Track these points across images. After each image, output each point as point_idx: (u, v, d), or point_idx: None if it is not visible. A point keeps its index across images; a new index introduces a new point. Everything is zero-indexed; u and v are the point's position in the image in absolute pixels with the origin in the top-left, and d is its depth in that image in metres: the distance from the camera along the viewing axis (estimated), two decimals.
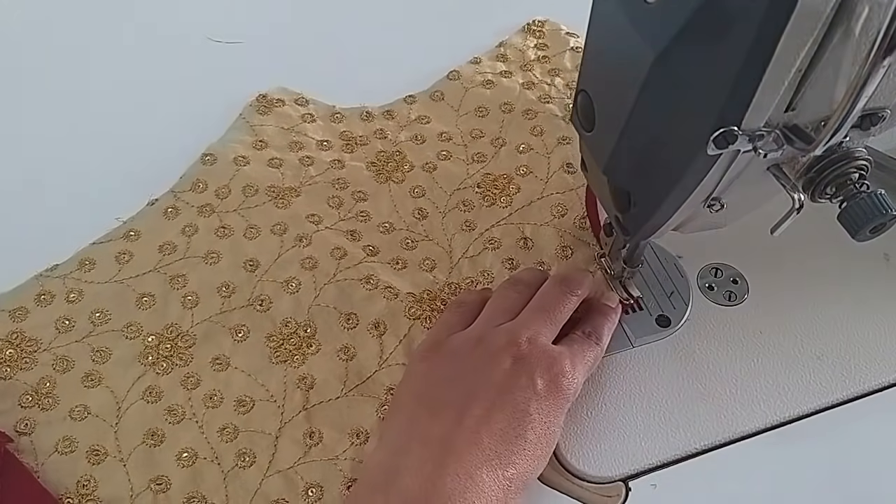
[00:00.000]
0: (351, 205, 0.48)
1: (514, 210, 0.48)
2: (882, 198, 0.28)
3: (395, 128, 0.53)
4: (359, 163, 0.51)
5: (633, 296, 0.43)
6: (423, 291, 0.43)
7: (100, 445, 0.38)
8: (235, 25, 0.63)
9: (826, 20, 0.23)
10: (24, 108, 0.57)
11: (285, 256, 0.45)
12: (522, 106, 0.53)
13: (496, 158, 0.50)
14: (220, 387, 0.40)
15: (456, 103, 0.54)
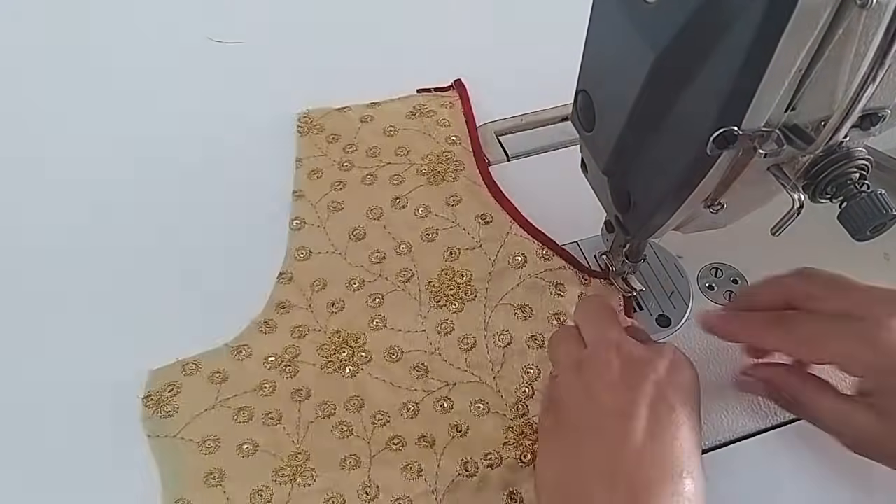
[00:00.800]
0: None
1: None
2: (882, 198, 0.28)
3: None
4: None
5: (635, 289, 0.43)
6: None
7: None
8: (235, 25, 0.63)
9: (826, 20, 0.23)
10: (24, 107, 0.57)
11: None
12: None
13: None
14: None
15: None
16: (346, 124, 0.54)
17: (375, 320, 0.43)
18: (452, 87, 0.58)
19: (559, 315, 0.43)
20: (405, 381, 0.41)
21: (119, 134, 0.55)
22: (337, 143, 0.53)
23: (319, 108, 0.55)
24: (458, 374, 0.41)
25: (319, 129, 0.54)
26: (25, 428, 0.40)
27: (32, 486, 0.38)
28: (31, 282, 0.46)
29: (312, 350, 0.42)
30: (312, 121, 0.54)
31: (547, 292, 0.44)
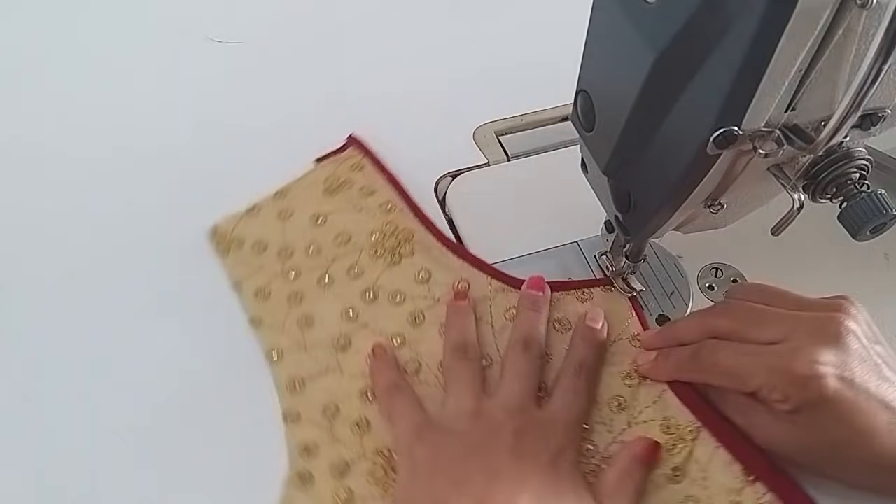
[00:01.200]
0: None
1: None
2: (882, 198, 0.28)
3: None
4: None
5: (635, 290, 0.43)
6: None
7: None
8: (235, 26, 0.63)
9: (826, 20, 0.23)
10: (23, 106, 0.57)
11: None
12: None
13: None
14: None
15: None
16: (265, 228, 0.48)
17: None
18: (348, 145, 0.53)
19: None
20: None
21: (118, 134, 0.55)
22: (266, 252, 0.47)
23: (226, 219, 0.49)
24: None
25: (238, 242, 0.47)
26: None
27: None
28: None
29: (363, 483, 0.37)
30: (226, 236, 0.48)
31: (553, 332, 0.42)
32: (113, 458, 0.39)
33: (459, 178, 0.52)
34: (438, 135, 0.55)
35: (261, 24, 0.65)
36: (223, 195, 0.50)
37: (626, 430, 0.38)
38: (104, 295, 0.45)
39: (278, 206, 0.49)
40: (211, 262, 0.47)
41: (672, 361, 0.38)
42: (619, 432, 0.38)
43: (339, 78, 0.59)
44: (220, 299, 0.45)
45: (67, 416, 0.40)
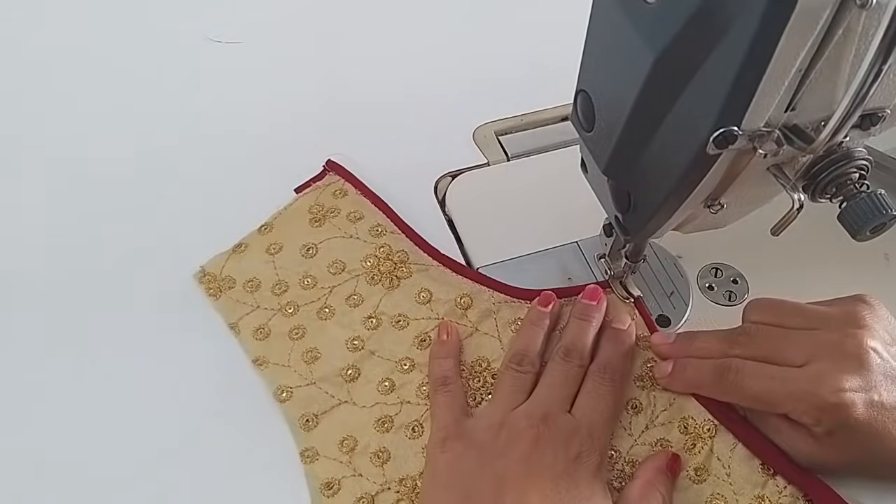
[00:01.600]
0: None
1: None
2: (882, 198, 0.28)
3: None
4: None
5: (633, 295, 0.43)
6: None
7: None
8: (235, 26, 0.63)
9: (826, 20, 0.23)
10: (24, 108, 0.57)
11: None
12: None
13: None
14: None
15: None
16: (255, 265, 0.47)
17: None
18: (326, 171, 0.52)
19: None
20: None
21: (117, 134, 0.55)
22: (260, 289, 0.46)
23: (213, 260, 0.47)
24: None
25: (230, 282, 0.46)
26: None
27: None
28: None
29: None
30: (216, 277, 0.46)
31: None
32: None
33: (459, 178, 0.52)
34: (438, 135, 0.55)
35: (261, 24, 0.65)
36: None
37: (645, 432, 0.38)
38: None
39: (266, 241, 0.48)
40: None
41: (692, 376, 0.38)
42: (638, 434, 0.38)
43: (339, 78, 0.59)
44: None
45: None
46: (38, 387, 0.42)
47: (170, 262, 0.46)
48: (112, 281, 0.46)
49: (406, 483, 0.37)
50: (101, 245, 0.48)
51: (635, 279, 0.44)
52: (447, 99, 0.58)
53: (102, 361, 0.42)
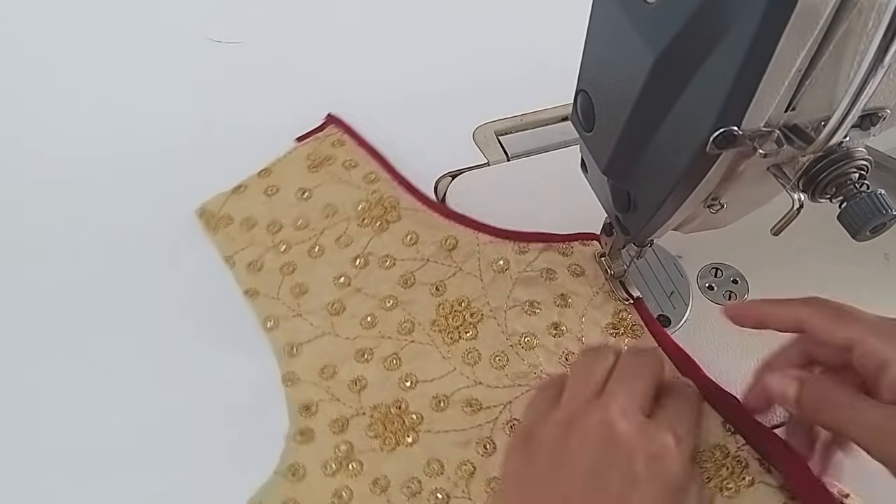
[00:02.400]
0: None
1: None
2: (882, 198, 0.28)
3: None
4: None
5: (632, 296, 0.43)
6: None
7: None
8: (235, 26, 0.63)
9: (826, 20, 0.23)
10: (24, 107, 0.57)
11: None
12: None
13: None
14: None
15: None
16: (252, 205, 0.50)
17: (405, 380, 0.41)
18: (327, 123, 0.55)
19: (563, 296, 0.43)
20: (466, 421, 0.39)
21: (117, 134, 0.55)
22: (256, 227, 0.49)
23: (213, 199, 0.51)
24: (508, 391, 0.40)
25: (227, 220, 0.49)
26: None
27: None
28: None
29: (362, 436, 0.39)
30: (215, 215, 0.50)
31: (539, 282, 0.44)
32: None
33: (459, 178, 0.52)
34: (438, 135, 0.55)
35: (261, 24, 0.65)
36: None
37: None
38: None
39: (264, 184, 0.51)
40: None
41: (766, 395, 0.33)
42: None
43: (340, 78, 0.59)
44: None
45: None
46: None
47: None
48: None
49: (379, 409, 0.40)
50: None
51: (635, 279, 0.44)
52: (447, 99, 0.58)
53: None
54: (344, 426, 0.40)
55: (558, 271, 0.44)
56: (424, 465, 0.38)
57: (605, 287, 0.44)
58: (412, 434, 0.39)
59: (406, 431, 0.39)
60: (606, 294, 0.43)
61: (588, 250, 0.45)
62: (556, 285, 0.44)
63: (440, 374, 0.41)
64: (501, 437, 0.39)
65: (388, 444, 0.39)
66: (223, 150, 0.54)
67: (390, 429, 0.39)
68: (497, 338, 0.42)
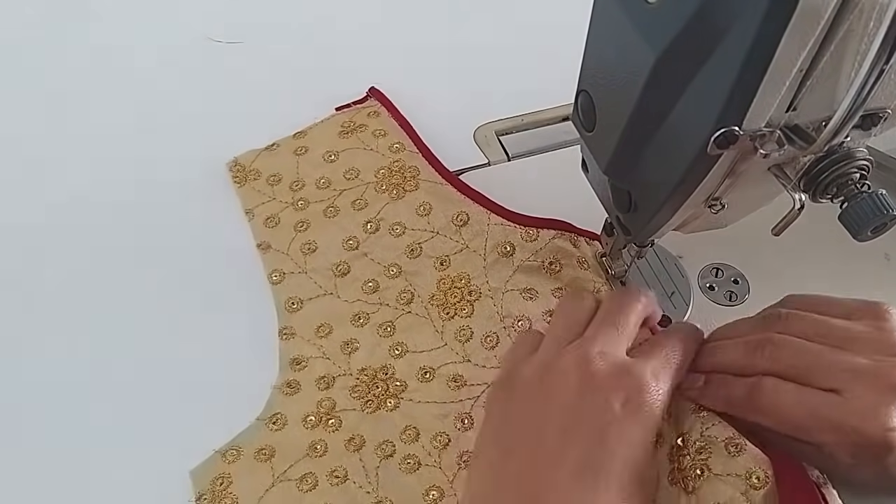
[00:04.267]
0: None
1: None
2: (883, 198, 0.28)
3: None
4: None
5: None
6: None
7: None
8: (236, 26, 0.64)
9: (827, 20, 0.23)
10: (22, 107, 0.57)
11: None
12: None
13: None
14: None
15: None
16: (281, 162, 0.52)
17: (395, 348, 0.42)
18: (369, 96, 0.57)
19: (561, 290, 0.43)
20: (448, 395, 0.40)
21: (117, 134, 0.55)
22: (280, 183, 0.51)
23: (246, 153, 0.53)
24: (494, 372, 0.41)
25: (256, 174, 0.51)
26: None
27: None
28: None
29: (346, 395, 0.41)
30: (245, 168, 0.52)
31: (542, 273, 0.44)
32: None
33: (460, 178, 0.52)
34: (439, 134, 0.55)
35: (261, 24, 0.65)
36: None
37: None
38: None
39: (295, 144, 0.53)
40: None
41: (723, 394, 0.34)
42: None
43: (340, 78, 0.59)
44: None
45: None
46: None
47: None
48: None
49: (366, 372, 0.41)
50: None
51: (636, 280, 0.44)
52: (448, 99, 0.58)
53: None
54: (330, 383, 0.41)
55: (564, 262, 0.44)
56: (401, 431, 0.39)
57: (606, 287, 0.44)
58: (394, 400, 0.40)
59: (388, 397, 0.40)
60: (608, 290, 0.43)
61: (589, 249, 0.45)
62: (556, 278, 0.44)
63: (430, 348, 0.42)
64: (480, 414, 0.39)
65: (370, 407, 0.40)
66: (222, 148, 0.54)
67: (373, 392, 0.41)
68: (492, 318, 0.43)
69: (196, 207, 0.50)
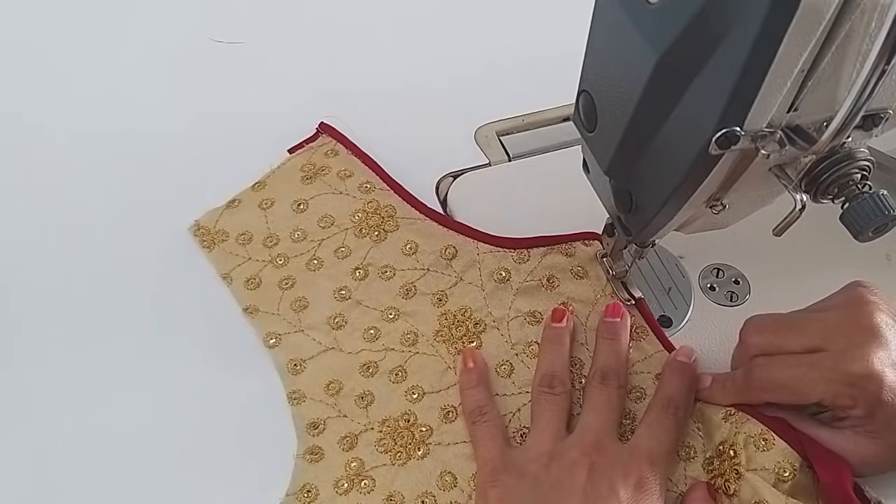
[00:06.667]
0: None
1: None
2: (884, 198, 0.28)
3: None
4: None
5: (634, 297, 0.43)
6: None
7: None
8: (236, 26, 0.64)
9: (829, 20, 0.23)
10: (23, 110, 0.57)
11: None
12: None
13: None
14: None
15: None
16: (248, 219, 0.49)
17: (411, 392, 0.41)
18: (319, 133, 0.54)
19: (565, 304, 0.43)
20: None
21: (117, 134, 0.55)
22: (252, 242, 0.47)
23: (207, 215, 0.49)
24: (517, 398, 0.40)
25: (223, 235, 0.48)
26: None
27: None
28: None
29: (372, 451, 0.39)
30: (210, 230, 0.48)
31: (541, 290, 0.44)
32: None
33: (461, 178, 0.52)
34: (439, 135, 0.55)
35: (262, 24, 0.65)
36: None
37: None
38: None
39: (258, 197, 0.50)
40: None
41: (729, 387, 0.37)
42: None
43: (341, 78, 0.59)
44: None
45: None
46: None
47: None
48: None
49: (388, 423, 0.40)
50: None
51: (636, 280, 0.44)
52: (448, 99, 0.58)
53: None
54: (353, 442, 0.39)
55: (560, 276, 0.44)
56: (437, 479, 0.38)
57: (608, 289, 0.44)
58: (422, 447, 0.39)
59: (416, 445, 0.39)
60: (609, 297, 0.43)
61: (590, 251, 0.45)
62: (557, 293, 0.44)
63: (447, 385, 0.41)
64: (512, 444, 0.38)
65: (399, 459, 0.38)
66: (221, 150, 0.54)
67: (400, 443, 0.39)
68: (501, 347, 0.42)
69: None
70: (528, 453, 0.36)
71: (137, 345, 0.43)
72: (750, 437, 0.35)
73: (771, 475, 0.34)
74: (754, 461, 0.35)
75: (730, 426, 0.37)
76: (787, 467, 0.34)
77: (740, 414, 0.36)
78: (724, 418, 0.37)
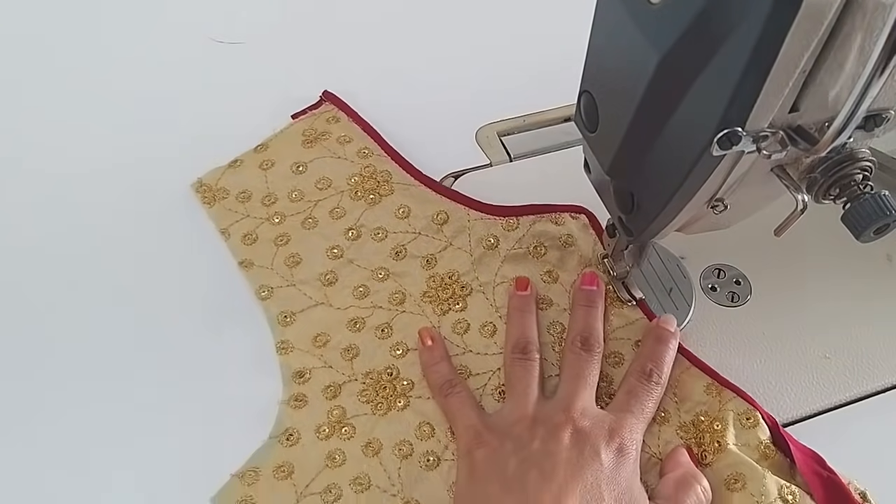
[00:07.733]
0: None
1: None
2: (886, 199, 0.28)
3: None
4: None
5: (635, 297, 0.43)
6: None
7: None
8: (237, 26, 0.64)
9: (831, 21, 0.23)
10: (23, 110, 0.57)
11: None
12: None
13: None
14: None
15: None
16: (248, 178, 0.51)
17: (396, 348, 0.42)
18: (323, 101, 0.56)
19: (550, 272, 0.45)
20: None
21: (117, 134, 0.55)
22: (251, 200, 0.50)
23: (209, 173, 0.51)
24: (497, 358, 0.41)
25: (224, 192, 0.50)
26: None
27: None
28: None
29: (355, 401, 0.41)
30: (212, 188, 0.50)
31: (528, 258, 0.45)
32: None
33: (462, 178, 0.52)
34: (440, 135, 0.55)
35: (262, 24, 0.65)
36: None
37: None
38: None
39: (260, 158, 0.52)
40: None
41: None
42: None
43: (341, 79, 0.59)
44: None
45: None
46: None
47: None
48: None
49: (371, 376, 0.41)
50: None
51: (638, 280, 0.44)
52: (450, 99, 0.58)
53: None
54: (336, 392, 0.41)
55: (547, 245, 0.46)
56: (416, 429, 0.39)
57: (594, 259, 0.45)
58: (403, 399, 0.40)
59: (397, 397, 0.40)
60: (595, 268, 0.45)
61: (577, 223, 0.47)
62: (544, 261, 0.45)
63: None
64: (490, 402, 0.40)
65: (380, 409, 0.40)
66: (221, 138, 0.54)
67: (382, 394, 0.41)
68: (486, 310, 0.44)
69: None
70: (510, 416, 0.37)
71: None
72: (738, 414, 0.38)
73: (754, 451, 0.37)
74: (740, 437, 0.37)
75: (713, 400, 0.39)
76: (770, 445, 0.37)
77: (726, 392, 0.39)
78: (706, 391, 0.39)
